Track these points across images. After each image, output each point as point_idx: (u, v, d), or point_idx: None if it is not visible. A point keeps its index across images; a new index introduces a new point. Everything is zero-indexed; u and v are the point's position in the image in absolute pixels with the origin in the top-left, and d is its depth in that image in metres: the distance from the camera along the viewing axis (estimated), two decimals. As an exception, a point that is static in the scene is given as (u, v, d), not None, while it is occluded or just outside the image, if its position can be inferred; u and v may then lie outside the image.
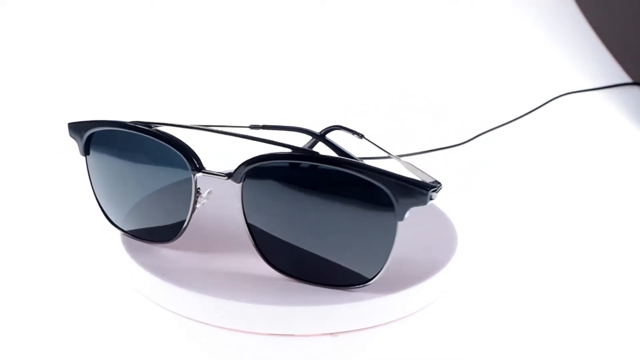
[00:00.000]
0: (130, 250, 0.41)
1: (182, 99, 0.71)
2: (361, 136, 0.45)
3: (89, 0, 0.81)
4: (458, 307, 0.41)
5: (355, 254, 0.38)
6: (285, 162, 0.38)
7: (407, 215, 0.37)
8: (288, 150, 0.38)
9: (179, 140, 0.41)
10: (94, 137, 0.43)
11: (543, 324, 0.40)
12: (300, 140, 0.48)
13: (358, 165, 0.37)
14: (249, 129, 0.45)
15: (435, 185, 0.37)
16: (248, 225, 0.39)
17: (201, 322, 0.38)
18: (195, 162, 0.40)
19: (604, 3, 0.88)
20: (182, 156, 0.40)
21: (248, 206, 0.39)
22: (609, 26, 0.86)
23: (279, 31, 0.83)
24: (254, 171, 0.38)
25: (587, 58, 0.83)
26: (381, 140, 0.48)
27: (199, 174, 0.40)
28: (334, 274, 0.38)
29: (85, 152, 0.43)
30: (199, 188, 0.40)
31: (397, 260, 0.41)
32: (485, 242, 0.47)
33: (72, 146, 0.59)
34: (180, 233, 0.41)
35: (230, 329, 0.38)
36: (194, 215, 0.41)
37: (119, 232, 0.43)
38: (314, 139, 0.46)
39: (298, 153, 0.38)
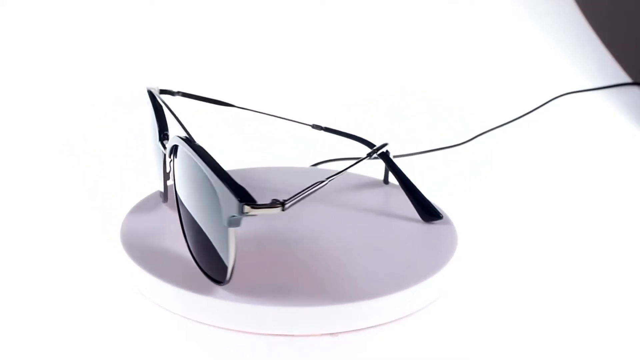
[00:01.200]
0: (130, 250, 0.41)
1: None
2: (374, 153, 0.46)
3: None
4: (458, 307, 0.41)
5: (211, 251, 0.38)
6: (182, 148, 0.39)
7: (232, 221, 0.35)
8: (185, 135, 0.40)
9: (162, 111, 0.43)
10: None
11: (543, 323, 0.40)
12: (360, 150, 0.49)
13: (210, 163, 0.36)
14: (310, 127, 0.49)
15: (252, 200, 0.35)
16: (176, 195, 0.40)
17: (201, 322, 0.38)
18: (162, 134, 0.42)
19: (604, 3, 0.88)
20: (156, 126, 0.42)
21: (176, 180, 0.40)
22: (609, 26, 0.86)
23: (279, 31, 0.83)
24: (173, 150, 0.40)
25: (587, 58, 0.83)
26: (381, 141, 0.48)
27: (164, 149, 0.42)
28: (206, 264, 0.39)
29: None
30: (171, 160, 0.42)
31: (397, 260, 0.41)
32: (485, 241, 0.47)
33: (72, 145, 0.59)
34: (166, 197, 0.45)
35: (230, 329, 0.38)
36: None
37: (118, 232, 0.43)
38: (381, 159, 0.47)
39: (181, 138, 0.39)
